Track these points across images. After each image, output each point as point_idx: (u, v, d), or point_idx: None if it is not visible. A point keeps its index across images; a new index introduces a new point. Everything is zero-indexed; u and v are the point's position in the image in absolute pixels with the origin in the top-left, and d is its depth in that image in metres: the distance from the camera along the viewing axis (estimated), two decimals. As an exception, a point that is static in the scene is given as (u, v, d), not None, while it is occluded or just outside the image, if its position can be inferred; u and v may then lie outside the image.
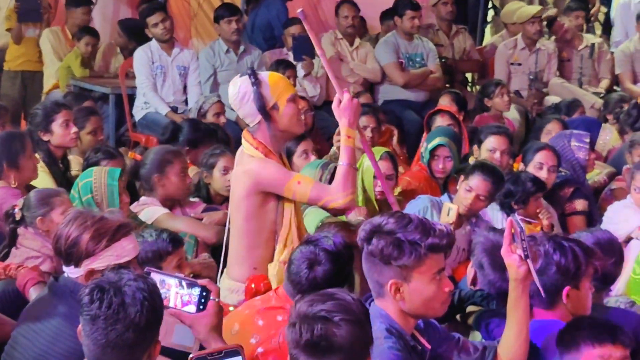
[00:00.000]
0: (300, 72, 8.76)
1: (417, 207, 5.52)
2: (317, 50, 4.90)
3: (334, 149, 6.64)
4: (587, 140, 6.62)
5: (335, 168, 4.80)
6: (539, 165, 6.21)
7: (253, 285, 4.43)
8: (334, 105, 4.65)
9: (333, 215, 4.85)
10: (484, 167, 5.48)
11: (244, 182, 4.51)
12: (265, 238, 4.56)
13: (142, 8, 9.02)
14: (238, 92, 4.47)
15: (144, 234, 4.21)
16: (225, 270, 4.74)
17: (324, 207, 4.58)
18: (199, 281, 3.15)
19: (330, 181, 5.01)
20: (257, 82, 4.42)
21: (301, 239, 4.44)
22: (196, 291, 3.12)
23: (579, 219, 6.39)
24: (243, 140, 4.57)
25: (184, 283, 3.12)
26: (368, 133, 6.87)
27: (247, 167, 4.51)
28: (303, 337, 2.89)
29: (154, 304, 2.82)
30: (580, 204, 6.38)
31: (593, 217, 6.39)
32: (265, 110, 4.44)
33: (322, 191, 4.52)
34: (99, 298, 2.78)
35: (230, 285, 4.61)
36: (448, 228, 3.34)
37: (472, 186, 5.38)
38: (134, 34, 9.22)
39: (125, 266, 3.32)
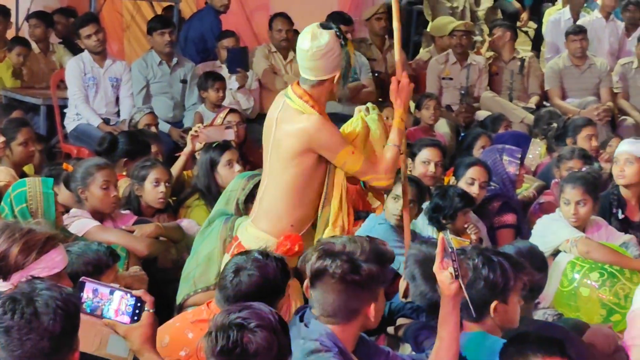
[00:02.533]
0: (235, 84, 8.76)
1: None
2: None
3: None
4: (519, 155, 6.72)
5: (259, 181, 4.93)
6: (470, 181, 6.28)
7: (288, 244, 4.46)
8: (392, 87, 4.67)
9: (373, 191, 4.86)
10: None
11: (296, 139, 4.47)
12: (310, 198, 4.57)
13: (75, 19, 8.95)
14: (326, 44, 4.44)
15: (83, 248, 4.18)
16: (253, 218, 4.68)
17: (366, 182, 4.61)
18: (134, 292, 3.15)
19: (251, 193, 5.09)
20: (345, 44, 4.46)
21: (350, 205, 4.55)
22: (131, 302, 3.11)
23: (508, 232, 6.46)
24: (291, 93, 4.53)
25: (118, 293, 3.12)
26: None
27: (301, 125, 4.46)
28: (218, 344, 2.91)
29: (68, 311, 2.77)
30: (508, 218, 6.46)
31: (522, 231, 6.46)
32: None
33: (371, 167, 4.55)
34: (11, 309, 2.73)
35: (258, 235, 4.59)
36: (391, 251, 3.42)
37: (398, 194, 5.45)
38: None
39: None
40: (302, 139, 4.46)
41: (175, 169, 6.64)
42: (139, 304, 3.11)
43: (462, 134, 8.81)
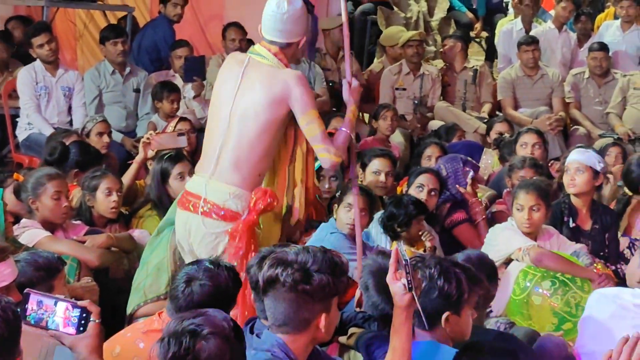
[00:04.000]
0: (190, 92, 8.74)
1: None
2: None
3: None
4: (477, 170, 6.86)
5: None
6: (420, 187, 6.34)
7: (269, 199, 4.58)
8: (344, 88, 4.94)
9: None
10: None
11: (274, 89, 4.60)
12: (274, 150, 4.71)
13: (27, 28, 8.86)
14: (300, 8, 4.69)
15: (32, 255, 4.15)
16: (211, 175, 4.69)
17: (317, 152, 4.73)
18: (79, 302, 3.12)
19: None
20: (312, 13, 4.69)
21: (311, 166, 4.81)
22: (76, 312, 3.09)
23: (465, 227, 6.54)
24: (262, 51, 4.71)
25: (62, 304, 3.09)
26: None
27: (281, 76, 4.61)
28: (170, 350, 2.90)
29: (6, 318, 2.76)
30: (459, 214, 6.53)
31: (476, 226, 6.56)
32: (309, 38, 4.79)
33: (327, 139, 4.72)
34: None
35: (228, 189, 4.62)
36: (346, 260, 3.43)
37: (350, 203, 5.46)
38: None
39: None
40: (281, 88, 4.60)
41: (127, 177, 6.60)
42: (84, 315, 3.09)
43: (416, 143, 8.85)
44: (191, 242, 4.73)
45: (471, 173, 6.74)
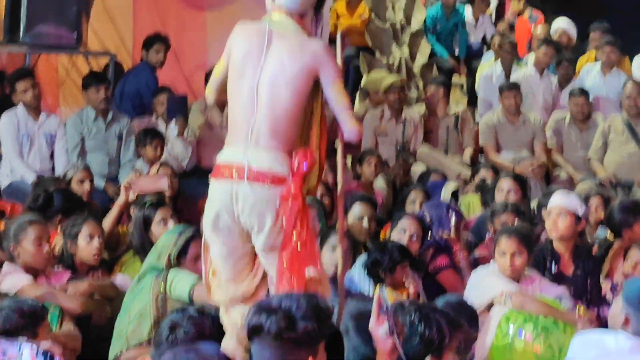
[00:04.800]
0: (174, 131, 8.76)
1: None
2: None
3: None
4: (461, 218, 6.88)
5: (192, 235, 5.24)
6: (402, 232, 6.36)
7: (308, 157, 4.58)
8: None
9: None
10: None
11: (303, 59, 4.58)
12: (305, 116, 4.70)
13: (10, 74, 8.87)
14: None
15: (17, 302, 4.14)
16: (252, 143, 4.60)
17: (343, 120, 4.77)
18: (42, 344, 3.11)
19: (183, 248, 5.24)
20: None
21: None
22: (40, 357, 3.08)
23: (448, 273, 6.52)
24: (282, 18, 4.68)
25: (27, 350, 3.08)
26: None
27: (313, 45, 4.62)
28: None
29: None
30: (442, 260, 6.52)
31: (460, 272, 6.55)
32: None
33: (352, 109, 4.84)
34: None
35: (274, 155, 4.57)
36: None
37: (334, 245, 5.48)
38: None
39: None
40: (311, 59, 4.59)
41: (108, 220, 6.59)
42: (49, 356, 3.08)
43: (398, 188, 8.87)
44: (238, 211, 4.59)
45: (454, 218, 6.76)
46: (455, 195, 8.16)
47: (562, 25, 12.31)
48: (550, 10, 13.59)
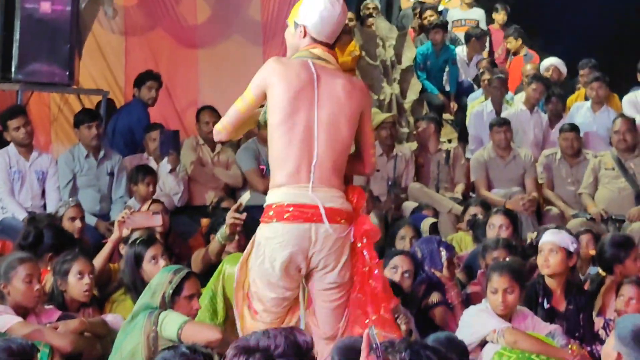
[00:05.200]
0: (167, 166, 8.76)
1: None
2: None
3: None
4: (452, 252, 6.87)
5: (186, 274, 5.22)
6: (394, 269, 6.37)
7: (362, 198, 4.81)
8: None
9: None
10: None
11: (356, 98, 4.73)
12: None
13: (3, 112, 8.87)
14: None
15: (6, 342, 4.12)
16: (316, 183, 4.65)
17: (371, 156, 4.94)
18: None
19: (178, 287, 5.22)
20: None
21: None
22: None
23: (441, 309, 6.48)
24: (324, 54, 4.76)
25: None
26: None
27: (358, 85, 4.81)
28: None
29: None
30: (435, 296, 6.50)
31: (452, 309, 6.54)
32: None
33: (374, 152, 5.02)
34: None
35: (339, 194, 4.69)
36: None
37: None
38: None
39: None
40: (362, 98, 4.77)
41: (100, 256, 6.57)
42: None
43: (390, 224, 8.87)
44: (314, 251, 4.64)
45: (446, 254, 6.76)
46: (435, 229, 8.23)
47: (553, 61, 12.41)
48: (539, 47, 13.69)
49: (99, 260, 6.49)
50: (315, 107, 4.65)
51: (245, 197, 5.69)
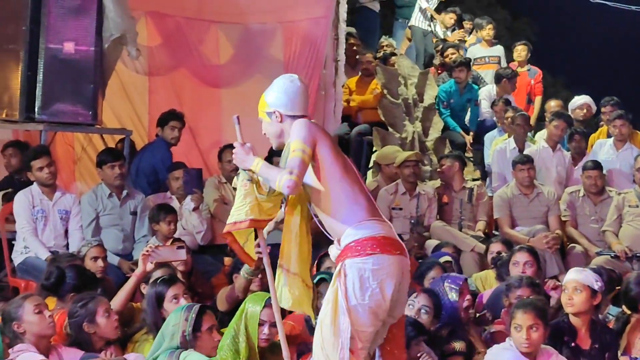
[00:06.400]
0: (190, 205, 8.78)
1: None
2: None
3: None
4: (461, 282, 6.80)
5: (201, 308, 5.35)
6: (411, 305, 6.35)
7: None
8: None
9: None
10: None
11: None
12: None
13: (26, 152, 8.92)
14: None
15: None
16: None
17: None
18: None
19: (196, 323, 5.34)
20: None
21: None
22: None
23: (459, 360, 6.47)
24: None
25: None
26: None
27: None
28: None
29: None
30: (457, 345, 6.46)
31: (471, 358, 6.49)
32: None
33: None
34: None
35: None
36: None
37: None
38: None
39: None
40: None
41: (124, 290, 6.56)
42: None
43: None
44: (401, 284, 4.82)
45: (450, 286, 6.72)
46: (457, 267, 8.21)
47: (586, 99, 12.39)
48: (562, 85, 13.71)
49: (122, 295, 6.50)
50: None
51: (268, 228, 5.69)
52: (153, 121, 10.42)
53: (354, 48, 12.74)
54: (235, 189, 9.01)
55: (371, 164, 11.69)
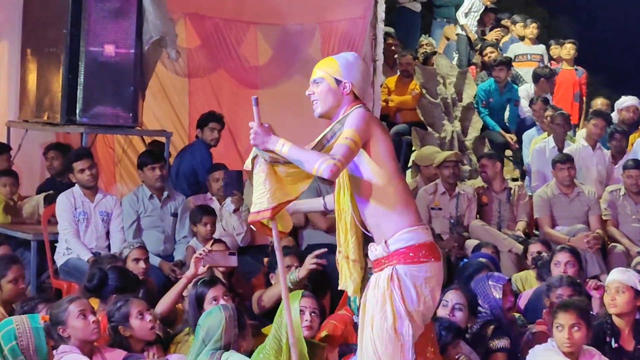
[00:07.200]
0: (230, 207, 8.79)
1: None
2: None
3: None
4: (504, 282, 6.78)
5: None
6: (445, 303, 6.33)
7: None
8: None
9: None
10: None
11: None
12: None
13: (68, 154, 8.98)
14: None
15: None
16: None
17: None
18: None
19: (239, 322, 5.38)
20: None
21: None
22: None
23: (501, 357, 6.42)
24: None
25: None
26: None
27: None
28: None
29: None
30: (501, 342, 6.43)
31: (516, 356, 6.45)
32: None
33: None
34: None
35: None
36: None
37: None
38: None
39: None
40: None
41: (174, 291, 6.61)
42: None
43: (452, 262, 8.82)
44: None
45: (494, 284, 6.70)
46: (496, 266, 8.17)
47: (634, 101, 12.28)
48: (602, 84, 13.64)
49: (170, 296, 6.55)
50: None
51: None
52: (193, 123, 10.45)
53: (392, 48, 12.75)
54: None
55: (410, 164, 11.68)
